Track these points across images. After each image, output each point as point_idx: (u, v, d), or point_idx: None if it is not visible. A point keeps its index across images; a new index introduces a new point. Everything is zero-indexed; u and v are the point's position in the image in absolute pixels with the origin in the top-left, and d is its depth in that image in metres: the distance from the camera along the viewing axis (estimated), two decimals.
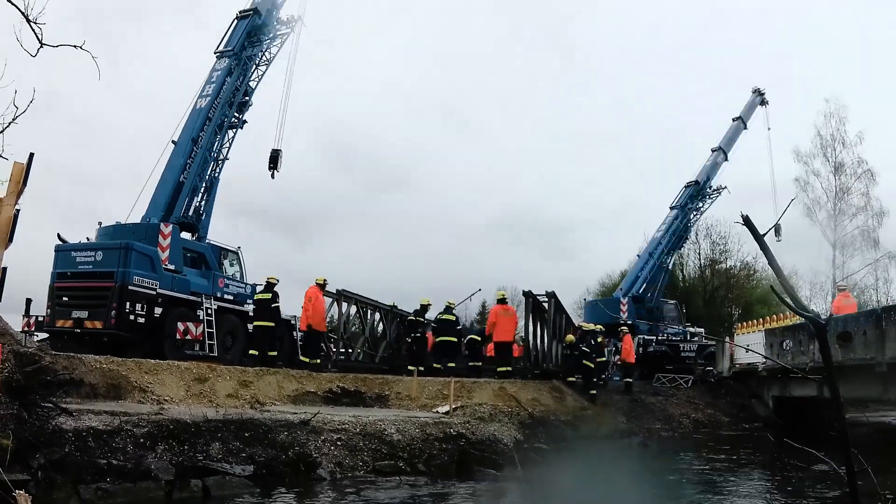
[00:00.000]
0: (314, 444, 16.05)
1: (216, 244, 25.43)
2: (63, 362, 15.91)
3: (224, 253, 25.63)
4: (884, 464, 12.77)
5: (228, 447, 14.62)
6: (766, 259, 4.88)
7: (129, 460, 13.22)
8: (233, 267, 25.78)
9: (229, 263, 25.72)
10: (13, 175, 12.68)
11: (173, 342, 21.14)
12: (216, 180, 25.64)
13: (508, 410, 21.96)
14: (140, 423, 14.24)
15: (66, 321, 20.60)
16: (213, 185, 25.55)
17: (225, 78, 25.65)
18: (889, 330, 22.50)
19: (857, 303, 21.89)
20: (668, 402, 29.62)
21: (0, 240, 12.85)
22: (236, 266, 25.88)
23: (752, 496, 16.87)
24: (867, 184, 45.36)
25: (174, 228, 22.40)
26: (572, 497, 15.78)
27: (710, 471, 20.48)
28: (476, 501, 14.97)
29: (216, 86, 25.48)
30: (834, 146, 45.80)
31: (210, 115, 24.92)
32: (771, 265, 4.92)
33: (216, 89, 25.41)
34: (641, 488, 17.08)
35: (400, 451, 17.05)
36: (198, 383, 17.98)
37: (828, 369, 5.45)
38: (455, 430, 19.09)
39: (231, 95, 25.73)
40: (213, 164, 25.48)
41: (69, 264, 21.16)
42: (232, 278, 24.68)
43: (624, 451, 23.00)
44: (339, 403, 19.96)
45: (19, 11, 7.21)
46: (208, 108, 24.98)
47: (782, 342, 30.40)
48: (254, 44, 26.79)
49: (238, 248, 26.27)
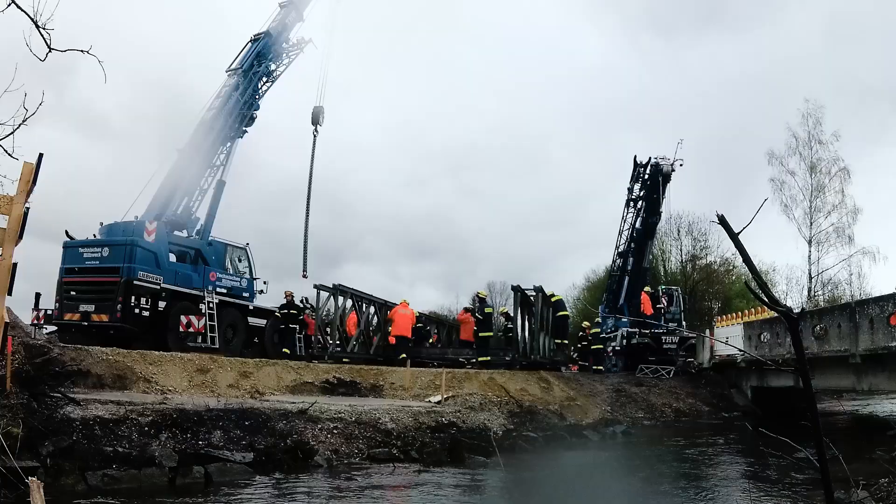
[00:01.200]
0: (311, 432, 16.10)
1: (222, 241, 25.42)
2: (71, 354, 15.94)
3: (231, 249, 25.64)
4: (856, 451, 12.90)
5: (229, 435, 14.66)
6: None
7: (134, 448, 13.26)
8: (241, 263, 25.80)
9: (237, 259, 25.73)
10: (23, 175, 12.66)
11: (176, 334, 21.20)
12: (222, 184, 25.55)
13: (497, 400, 22.04)
14: (144, 413, 14.28)
15: (73, 314, 20.63)
16: (220, 188, 25.46)
17: (232, 93, 25.67)
18: (862, 323, 22.63)
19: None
20: (650, 392, 29.68)
21: (10, 237, 12.86)
22: (245, 262, 25.89)
23: (730, 481, 16.94)
24: (842, 182, 45.50)
25: (158, 225, 22.33)
26: (559, 482, 15.82)
27: (691, 458, 20.54)
28: (466, 487, 15.00)
29: (223, 100, 25.50)
30: (810, 144, 45.90)
31: (213, 126, 24.88)
32: (745, 262, 4.97)
33: (222, 103, 25.43)
34: (624, 474, 17.15)
35: (394, 439, 17.11)
36: (200, 374, 18.01)
37: (800, 361, 5.50)
38: (446, 418, 19.16)
39: (236, 109, 25.69)
40: (211, 171, 25.37)
41: (77, 260, 21.19)
42: (225, 272, 24.56)
43: (608, 439, 23.06)
44: (336, 393, 20.01)
45: (29, 18, 7.21)
46: (212, 119, 24.96)
47: (760, 335, 30.53)
48: (262, 62, 26.78)
49: (246, 245, 26.33)
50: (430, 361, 27.10)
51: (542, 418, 22.18)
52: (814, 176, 45.75)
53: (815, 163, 45.84)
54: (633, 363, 33.13)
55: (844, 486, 10.01)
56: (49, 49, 7.40)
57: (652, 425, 26.46)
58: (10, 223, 12.80)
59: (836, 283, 48.77)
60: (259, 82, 26.84)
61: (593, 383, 28.18)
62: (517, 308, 27.06)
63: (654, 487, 15.84)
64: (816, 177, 45.73)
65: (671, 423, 27.47)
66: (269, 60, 27.07)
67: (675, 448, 22.10)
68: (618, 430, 24.35)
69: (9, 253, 13.03)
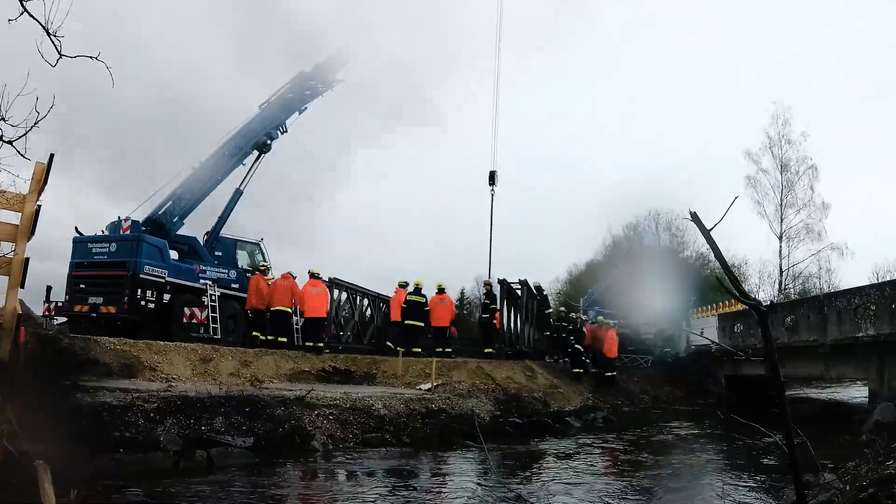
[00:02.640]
0: (308, 418, 16.14)
1: (231, 237, 25.24)
2: (80, 344, 15.93)
3: (243, 244, 25.50)
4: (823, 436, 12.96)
5: (230, 421, 14.68)
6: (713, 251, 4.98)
7: (140, 433, 13.28)
8: (257, 257, 25.64)
9: (248, 254, 25.59)
10: (35, 174, 12.65)
11: (180, 325, 21.18)
12: (239, 192, 25.12)
13: (485, 388, 22.09)
14: (150, 400, 14.29)
15: (83, 306, 20.61)
16: (236, 196, 25.04)
17: (258, 121, 25.40)
18: (830, 315, 22.81)
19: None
20: (629, 381, 29.78)
21: (23, 233, 12.85)
22: (259, 256, 25.73)
23: (704, 465, 17.03)
24: (811, 179, 45.63)
25: (133, 223, 22.04)
26: (543, 465, 15.89)
27: (667, 442, 20.66)
28: (454, 470, 15.06)
29: (245, 125, 25.12)
30: (780, 144, 46.03)
31: (226, 148, 24.55)
32: (717, 257, 5.02)
33: (245, 127, 25.05)
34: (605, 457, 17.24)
35: (386, 425, 17.18)
36: (203, 363, 18.01)
37: (769, 352, 5.55)
38: (436, 405, 19.22)
39: (256, 135, 25.38)
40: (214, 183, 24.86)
41: (86, 255, 21.17)
42: (209, 264, 24.02)
43: (590, 424, 23.14)
44: (331, 381, 20.01)
45: (41, 25, 7.22)
46: (230, 140, 24.64)
47: (734, 326, 30.74)
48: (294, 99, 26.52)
49: (260, 240, 26.15)
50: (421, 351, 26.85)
51: (526, 405, 22.23)
52: (784, 174, 45.93)
53: (785, 162, 46.03)
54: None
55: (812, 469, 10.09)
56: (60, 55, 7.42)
57: (631, 412, 26.56)
58: (23, 220, 12.78)
59: (806, 277, 49.14)
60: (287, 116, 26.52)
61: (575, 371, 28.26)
62: (503, 300, 27.09)
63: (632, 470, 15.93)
64: (787, 175, 45.91)
65: (649, 409, 27.58)
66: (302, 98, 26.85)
67: (653, 433, 22.21)
68: (598, 416, 24.44)
69: (21, 248, 13.02)
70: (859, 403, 26.05)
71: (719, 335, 30.87)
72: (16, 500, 9.44)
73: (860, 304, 21.45)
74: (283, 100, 26.09)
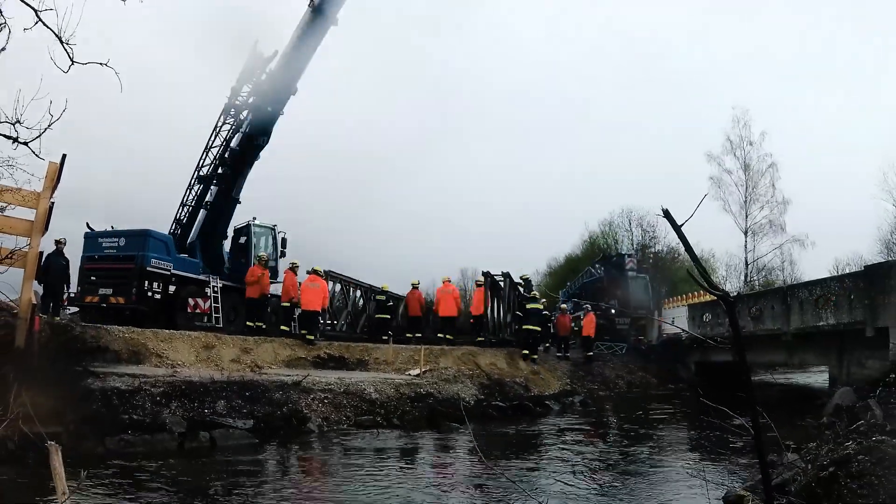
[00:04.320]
0: (304, 401, 16.22)
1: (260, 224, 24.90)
2: (91, 332, 15.93)
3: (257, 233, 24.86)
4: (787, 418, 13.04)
5: (232, 404, 14.76)
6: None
7: (147, 415, 13.35)
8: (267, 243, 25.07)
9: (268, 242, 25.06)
10: (48, 173, 12.70)
11: (185, 315, 21.16)
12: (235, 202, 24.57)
13: (470, 373, 22.17)
14: (157, 384, 14.33)
15: (93, 297, 20.55)
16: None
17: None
18: (793, 304, 22.96)
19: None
20: (605, 367, 29.87)
21: (37, 228, 12.88)
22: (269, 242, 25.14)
23: (675, 445, 17.16)
24: (772, 177, 45.81)
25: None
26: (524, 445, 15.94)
27: (641, 423, 20.75)
28: (441, 450, 15.13)
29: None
30: (742, 146, 46.18)
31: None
32: (687, 251, 5.07)
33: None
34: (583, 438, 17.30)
35: (378, 408, 17.26)
36: (205, 350, 18.01)
37: (736, 339, 5.62)
38: (425, 389, 19.31)
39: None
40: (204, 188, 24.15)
41: (96, 249, 21.11)
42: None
43: (568, 407, 23.23)
44: (326, 367, 20.03)
45: (53, 34, 7.21)
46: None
47: (703, 315, 30.86)
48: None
49: (273, 226, 25.58)
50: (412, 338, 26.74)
51: (509, 389, 22.30)
52: (747, 173, 46.10)
53: (747, 162, 46.21)
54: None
55: (777, 449, 10.17)
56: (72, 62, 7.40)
57: (606, 396, 26.69)
58: (38, 216, 12.84)
59: (770, 269, 49.23)
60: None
61: (554, 359, 28.31)
62: (487, 292, 27.08)
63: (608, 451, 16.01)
64: (750, 174, 46.09)
65: (624, 393, 27.71)
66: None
67: (627, 416, 22.30)
68: (576, 399, 24.56)
69: (36, 242, 13.06)
70: (821, 388, 26.17)
71: (689, 324, 30.96)
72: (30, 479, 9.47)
73: (821, 295, 21.57)
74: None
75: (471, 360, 23.27)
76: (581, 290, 39.77)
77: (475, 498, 10.47)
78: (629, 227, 55.69)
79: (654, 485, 12.03)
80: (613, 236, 56.34)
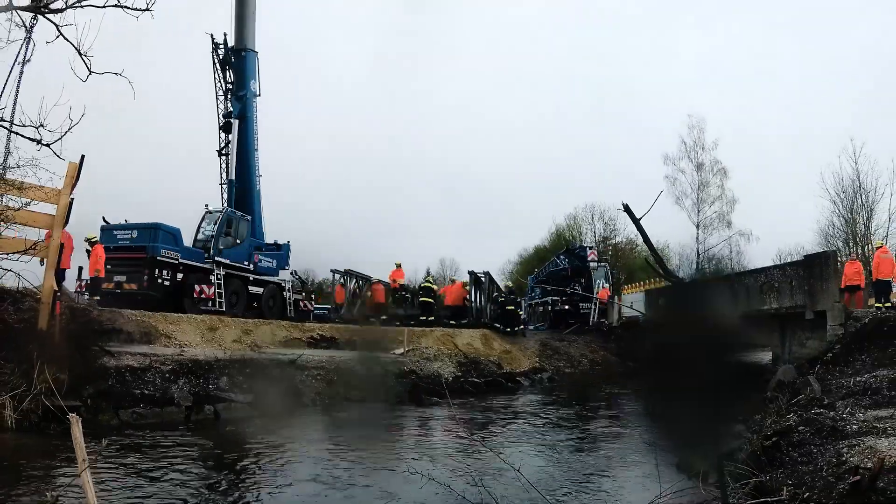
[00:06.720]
0: (299, 378, 16.40)
1: None
2: (107, 315, 16.02)
3: None
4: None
5: (234, 380, 14.92)
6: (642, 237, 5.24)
7: (157, 390, 13.51)
8: None
9: None
10: (69, 172, 12.78)
11: (191, 300, 21.25)
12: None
13: (448, 352, 22.36)
14: (166, 362, 14.48)
15: (108, 284, 20.60)
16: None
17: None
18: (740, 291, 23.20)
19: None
20: (570, 346, 30.01)
21: (58, 222, 12.97)
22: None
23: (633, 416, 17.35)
24: (722, 178, 46.19)
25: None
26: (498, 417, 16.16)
27: (603, 398, 21.03)
28: (423, 421, 15.35)
29: None
30: (696, 150, 46.53)
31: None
32: (645, 243, 5.30)
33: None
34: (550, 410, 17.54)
35: (366, 384, 17.40)
36: (210, 331, 18.11)
37: None
38: (408, 367, 19.54)
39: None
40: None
41: (111, 240, 21.12)
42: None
43: (537, 383, 23.49)
44: (319, 347, 20.14)
45: (73, 47, 7.37)
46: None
47: (658, 299, 31.08)
48: None
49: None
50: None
51: (483, 367, 22.54)
52: (700, 174, 46.46)
53: (700, 164, 46.57)
54: (557, 324, 33.49)
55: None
56: (89, 72, 7.56)
57: (572, 373, 26.88)
58: (59, 211, 12.93)
59: (719, 259, 49.65)
60: None
61: (525, 340, 28.51)
62: (472, 286, 27.82)
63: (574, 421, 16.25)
64: (702, 174, 46.45)
65: (587, 371, 27.89)
66: None
67: (590, 391, 22.59)
68: (544, 376, 24.83)
69: (57, 234, 13.15)
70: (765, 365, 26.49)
71: (646, 308, 31.20)
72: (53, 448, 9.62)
73: (765, 282, 21.83)
74: None
75: (449, 341, 23.48)
76: (548, 277, 39.92)
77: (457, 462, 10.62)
78: (592, 221, 56.27)
79: (611, 457, 12.19)
80: (578, 229, 56.89)
